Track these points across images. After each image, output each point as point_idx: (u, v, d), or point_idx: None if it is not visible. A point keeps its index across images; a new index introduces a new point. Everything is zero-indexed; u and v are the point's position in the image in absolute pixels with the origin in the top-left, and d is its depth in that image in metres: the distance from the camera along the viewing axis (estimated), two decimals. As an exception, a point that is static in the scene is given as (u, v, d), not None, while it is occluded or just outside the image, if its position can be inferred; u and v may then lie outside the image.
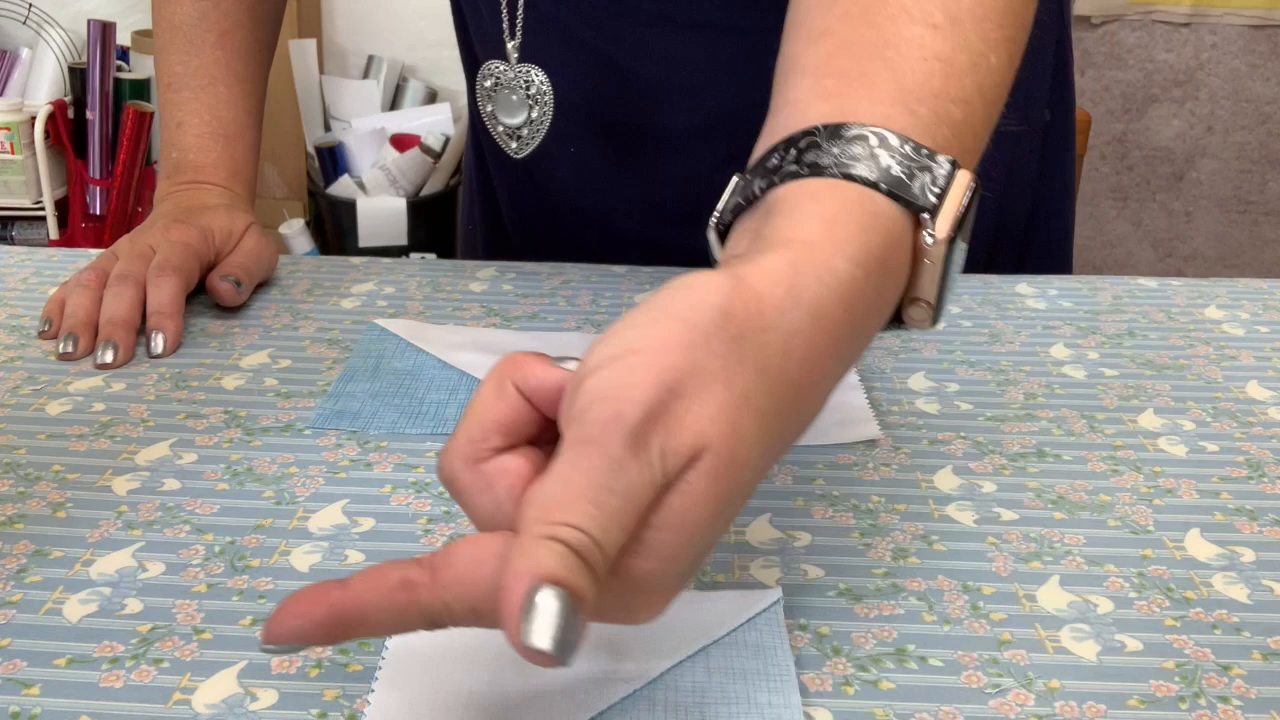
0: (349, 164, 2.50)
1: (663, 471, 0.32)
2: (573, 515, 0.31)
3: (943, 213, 0.39)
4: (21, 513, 0.51)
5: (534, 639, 0.30)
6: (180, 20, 0.80)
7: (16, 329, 0.69)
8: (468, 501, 0.35)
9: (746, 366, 0.34)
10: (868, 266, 0.37)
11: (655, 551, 0.33)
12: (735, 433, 0.33)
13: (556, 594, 0.30)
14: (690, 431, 0.32)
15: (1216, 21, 2.57)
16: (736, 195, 0.41)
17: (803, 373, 0.35)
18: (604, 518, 0.31)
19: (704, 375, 0.33)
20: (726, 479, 0.33)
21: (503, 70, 0.76)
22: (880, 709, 0.41)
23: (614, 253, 0.80)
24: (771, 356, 0.34)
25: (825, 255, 0.36)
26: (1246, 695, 0.41)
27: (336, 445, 0.57)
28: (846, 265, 0.36)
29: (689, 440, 0.32)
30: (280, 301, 0.73)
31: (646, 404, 0.32)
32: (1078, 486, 0.54)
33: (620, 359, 0.33)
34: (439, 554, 0.33)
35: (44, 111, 2.31)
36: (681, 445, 0.32)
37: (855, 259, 0.36)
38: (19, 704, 0.40)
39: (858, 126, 0.39)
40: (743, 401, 0.33)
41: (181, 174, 0.78)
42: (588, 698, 0.40)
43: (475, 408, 0.36)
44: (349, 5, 2.60)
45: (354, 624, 0.33)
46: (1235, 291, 0.77)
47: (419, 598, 0.33)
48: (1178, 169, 2.69)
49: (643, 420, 0.32)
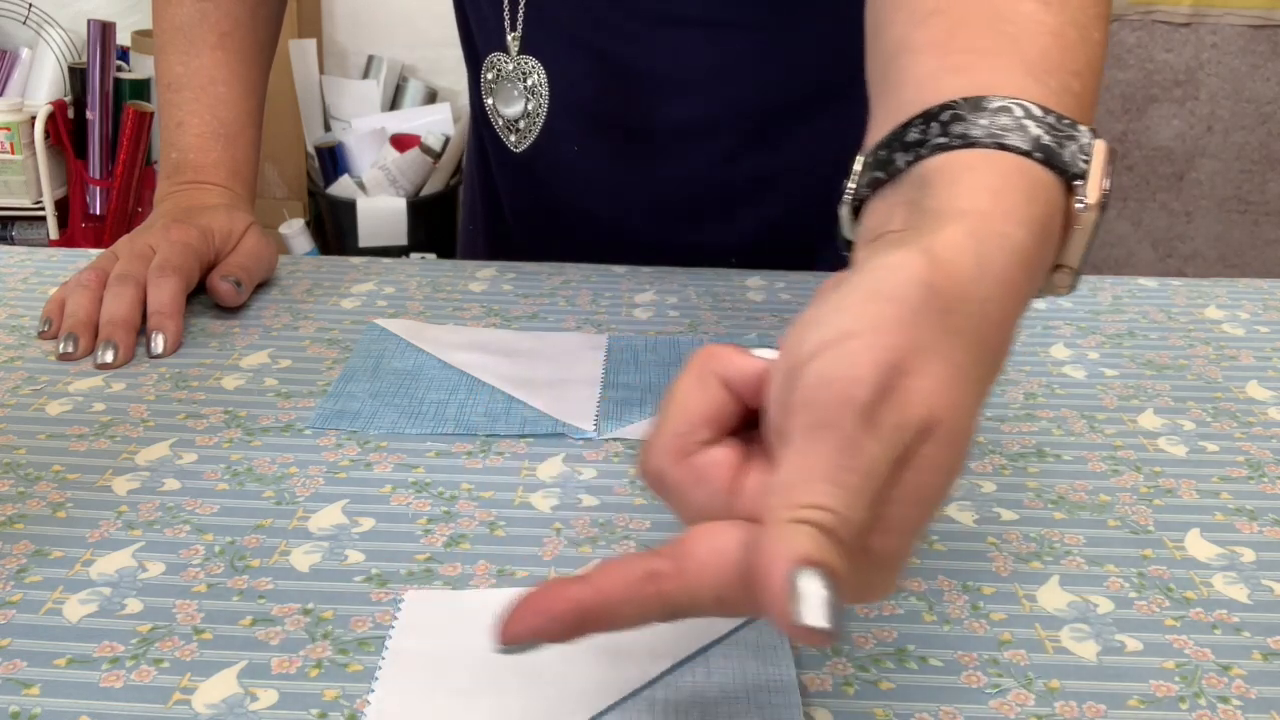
0: (349, 164, 2.50)
1: (898, 446, 0.33)
2: (817, 496, 0.32)
3: (1090, 179, 0.40)
4: (21, 513, 0.51)
5: (809, 619, 0.30)
6: (180, 20, 0.80)
7: (16, 329, 0.69)
8: (679, 497, 0.36)
9: (957, 338, 0.34)
10: (1037, 232, 0.38)
11: (896, 526, 0.33)
12: (960, 403, 0.34)
13: (816, 573, 0.30)
14: (920, 406, 0.33)
15: (1216, 21, 2.57)
16: (872, 170, 0.41)
17: (999, 338, 0.36)
18: (847, 496, 0.32)
19: (924, 351, 0.33)
20: (956, 449, 0.34)
21: (504, 62, 0.76)
22: (880, 709, 0.41)
23: (614, 250, 0.80)
24: (974, 326, 0.35)
25: (1000, 224, 0.37)
26: (1246, 695, 0.41)
27: (336, 445, 0.57)
28: (1021, 232, 0.37)
29: (920, 414, 0.33)
30: (280, 301, 0.73)
31: (875, 383, 0.33)
32: (1078, 486, 0.54)
33: (839, 343, 0.33)
34: (676, 546, 0.34)
35: (44, 111, 2.31)
36: (913, 419, 0.33)
37: (1028, 226, 0.37)
38: (19, 704, 0.40)
39: (999, 99, 0.40)
40: (960, 373, 0.34)
41: (181, 174, 0.78)
42: (588, 699, 0.40)
43: (677, 402, 0.36)
44: (349, 5, 2.60)
45: (597, 619, 0.34)
46: (1235, 291, 0.77)
47: (664, 589, 0.33)
48: (1178, 169, 2.69)
49: (873, 399, 0.32)
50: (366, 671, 0.42)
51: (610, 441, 0.57)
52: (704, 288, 0.76)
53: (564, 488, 0.53)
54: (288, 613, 0.45)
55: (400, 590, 0.46)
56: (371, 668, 0.42)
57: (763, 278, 0.78)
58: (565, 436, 0.58)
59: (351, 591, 0.46)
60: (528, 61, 0.75)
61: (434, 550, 0.49)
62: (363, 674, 0.42)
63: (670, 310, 0.73)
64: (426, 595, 0.46)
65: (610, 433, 0.58)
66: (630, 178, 0.80)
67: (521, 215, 0.88)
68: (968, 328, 0.35)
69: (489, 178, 0.90)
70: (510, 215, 0.89)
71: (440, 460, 0.55)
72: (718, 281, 0.77)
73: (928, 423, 0.33)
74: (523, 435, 0.58)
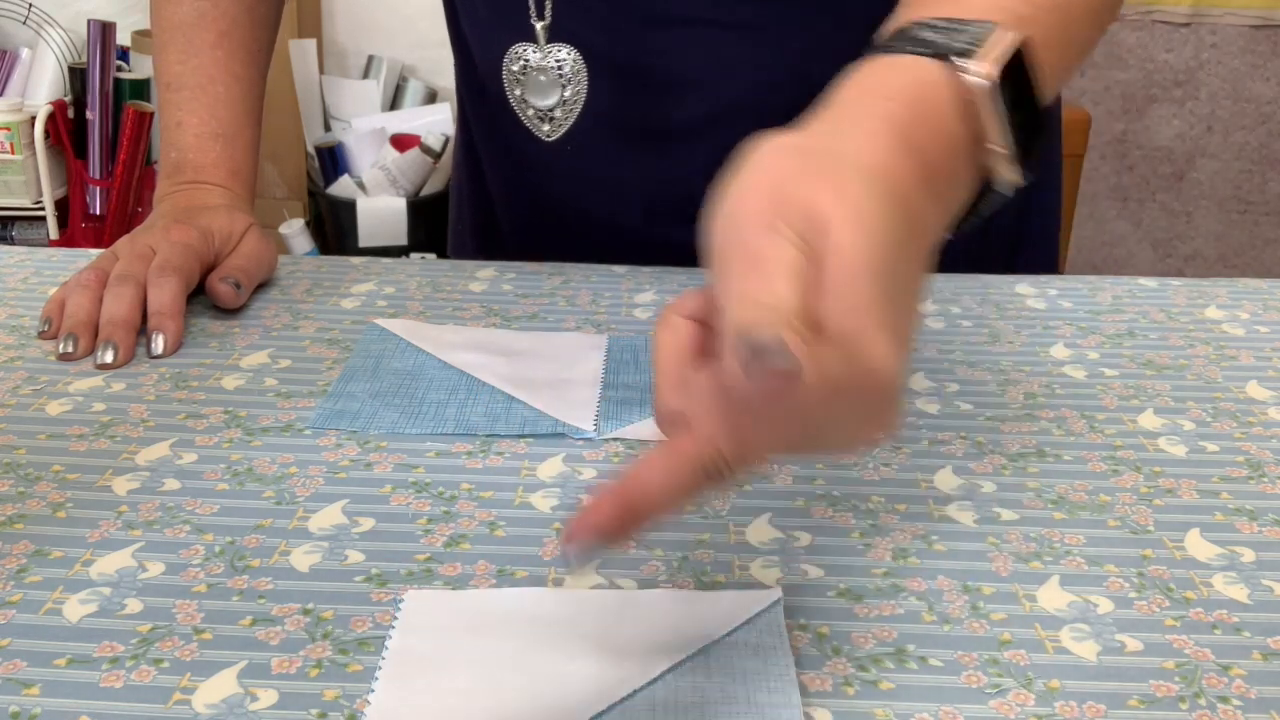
0: (349, 164, 2.50)
1: (796, 240, 0.37)
2: (749, 301, 0.35)
3: (980, 55, 0.44)
4: (21, 513, 0.51)
5: (773, 361, 0.34)
6: (179, 19, 0.80)
7: (16, 329, 0.69)
8: (695, 421, 0.38)
9: (827, 161, 0.39)
10: (906, 101, 0.43)
11: (842, 306, 0.36)
12: (849, 197, 0.37)
13: (764, 330, 0.34)
14: (803, 202, 0.37)
15: (1216, 21, 2.57)
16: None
17: (886, 169, 0.40)
18: (770, 285, 0.36)
19: (800, 174, 0.38)
20: (862, 236, 0.37)
21: (531, 52, 0.75)
22: (880, 709, 0.41)
23: (606, 248, 0.80)
24: (841, 165, 0.39)
25: (865, 99, 0.43)
26: (1246, 695, 0.41)
27: (336, 445, 0.57)
28: (885, 103, 0.42)
29: (804, 207, 0.37)
30: (280, 301, 0.73)
31: (759, 200, 0.38)
32: (1078, 486, 0.54)
33: (724, 201, 0.39)
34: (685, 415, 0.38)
35: (44, 111, 2.31)
36: (798, 211, 0.37)
37: (894, 97, 0.43)
38: (19, 704, 0.40)
39: (934, 19, 0.46)
40: (843, 181, 0.38)
41: (181, 174, 0.78)
42: (588, 698, 0.40)
43: (659, 355, 0.40)
44: (349, 5, 2.60)
45: (640, 503, 0.37)
46: (1235, 291, 0.77)
47: (687, 449, 0.37)
48: (1178, 169, 2.69)
49: (761, 209, 0.37)
50: (366, 671, 0.42)
51: (610, 441, 0.57)
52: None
53: (564, 488, 0.53)
54: (288, 613, 0.45)
55: (400, 590, 0.46)
56: (371, 668, 0.42)
57: (763, 278, 0.78)
58: (565, 436, 0.58)
59: (351, 591, 0.46)
60: (559, 48, 0.75)
61: (434, 550, 0.49)
62: (363, 674, 0.42)
63: (670, 310, 0.73)
64: (426, 595, 0.46)
65: (610, 433, 0.58)
66: (626, 176, 0.80)
67: (513, 212, 0.88)
68: (833, 165, 0.39)
69: (478, 175, 0.89)
70: (501, 211, 0.89)
71: (440, 460, 0.55)
72: (718, 281, 0.77)
73: (814, 212, 0.37)
74: (523, 435, 0.58)
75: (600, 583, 0.47)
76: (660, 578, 0.47)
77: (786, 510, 0.52)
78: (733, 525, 0.51)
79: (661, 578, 0.47)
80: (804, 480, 0.54)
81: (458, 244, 0.96)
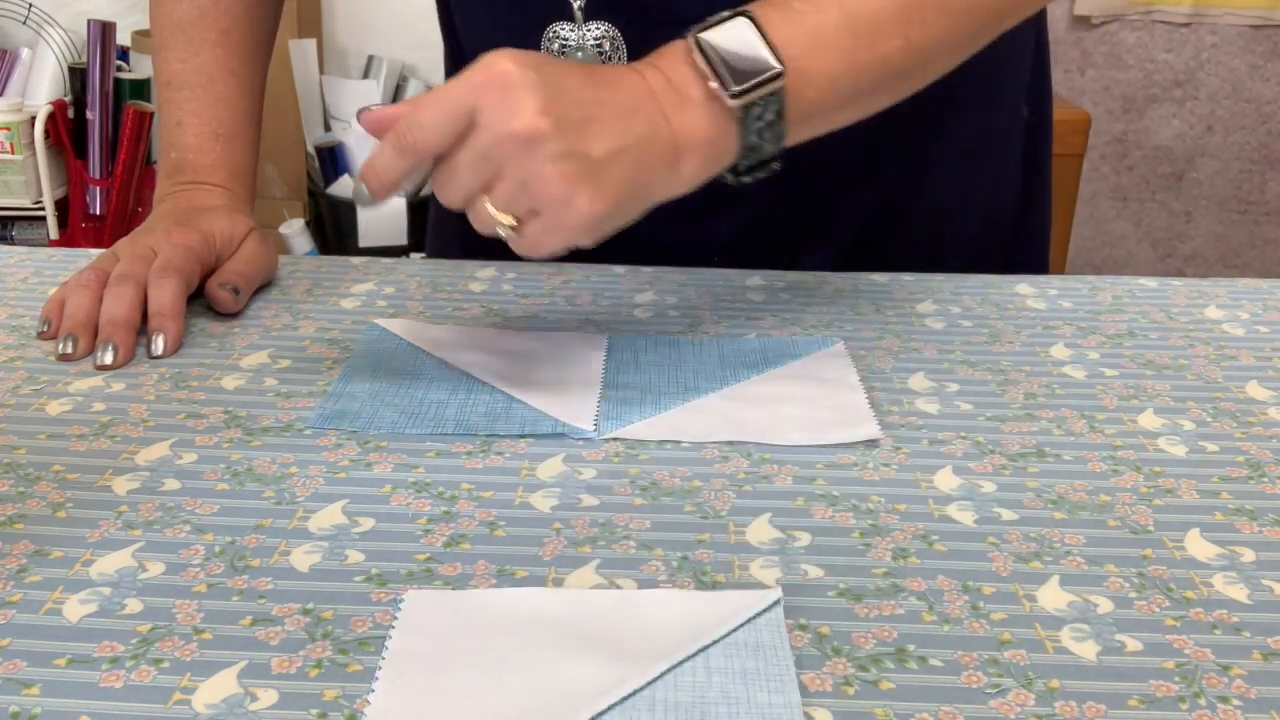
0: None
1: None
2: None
3: (707, 27, 0.58)
4: (21, 513, 0.51)
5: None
6: (179, 18, 0.80)
7: (16, 329, 0.69)
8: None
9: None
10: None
11: (486, 124, 0.54)
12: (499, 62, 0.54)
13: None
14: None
15: (1216, 21, 2.57)
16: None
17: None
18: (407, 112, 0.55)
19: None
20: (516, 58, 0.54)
21: (569, 31, 0.75)
22: (880, 709, 0.41)
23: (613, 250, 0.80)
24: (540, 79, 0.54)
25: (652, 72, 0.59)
26: (1246, 695, 0.41)
27: (336, 445, 0.57)
28: (651, 70, 0.60)
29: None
30: (280, 301, 0.73)
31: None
32: (1078, 486, 0.54)
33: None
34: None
35: (44, 111, 2.31)
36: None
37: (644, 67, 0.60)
38: (19, 704, 0.40)
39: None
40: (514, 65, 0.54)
41: (181, 174, 0.78)
42: (588, 699, 0.40)
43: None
44: (349, 5, 2.60)
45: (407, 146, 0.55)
46: (1235, 291, 0.77)
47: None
48: (1178, 169, 2.69)
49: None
50: (366, 671, 0.42)
51: (610, 441, 0.57)
52: (704, 288, 0.76)
53: (564, 488, 0.53)
54: (288, 613, 0.45)
55: (400, 590, 0.46)
56: (371, 668, 0.42)
57: (763, 278, 0.78)
58: (565, 436, 0.58)
59: (351, 591, 0.46)
60: (596, 26, 0.75)
61: (434, 550, 0.49)
62: (363, 674, 0.42)
63: (670, 310, 0.73)
64: (426, 595, 0.46)
65: (610, 433, 0.58)
66: None
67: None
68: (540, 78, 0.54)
69: None
70: None
71: (440, 460, 0.56)
72: (718, 281, 0.77)
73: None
74: (523, 435, 0.58)
75: (600, 583, 0.47)
76: (660, 578, 0.47)
77: (786, 510, 0.52)
78: (733, 525, 0.51)
79: (661, 578, 0.47)
80: (804, 480, 0.54)
81: (438, 246, 0.95)
